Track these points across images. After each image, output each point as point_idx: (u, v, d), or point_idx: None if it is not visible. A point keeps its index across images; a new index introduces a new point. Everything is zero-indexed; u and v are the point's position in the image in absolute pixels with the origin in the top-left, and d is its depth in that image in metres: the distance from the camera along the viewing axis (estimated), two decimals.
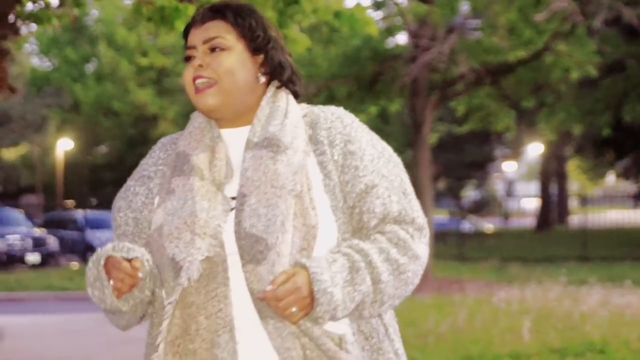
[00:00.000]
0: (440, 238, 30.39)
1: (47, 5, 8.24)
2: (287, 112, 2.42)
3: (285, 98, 2.46)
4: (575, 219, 45.83)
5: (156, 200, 2.41)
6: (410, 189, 2.43)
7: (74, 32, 43.07)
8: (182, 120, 38.30)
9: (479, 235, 38.53)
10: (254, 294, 2.21)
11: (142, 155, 2.69)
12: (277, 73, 2.46)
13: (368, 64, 20.14)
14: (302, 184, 2.30)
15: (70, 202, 39.32)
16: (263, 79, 2.43)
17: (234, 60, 2.39)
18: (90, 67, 48.18)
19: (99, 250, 2.33)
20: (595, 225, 36.02)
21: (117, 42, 43.15)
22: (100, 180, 45.85)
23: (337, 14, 7.47)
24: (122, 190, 2.50)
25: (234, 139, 2.43)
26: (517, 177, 74.47)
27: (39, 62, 50.65)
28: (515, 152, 54.66)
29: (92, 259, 2.33)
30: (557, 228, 44.68)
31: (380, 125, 38.27)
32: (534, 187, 62.01)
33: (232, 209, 2.29)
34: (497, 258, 26.83)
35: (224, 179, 2.35)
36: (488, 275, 21.99)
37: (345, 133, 2.41)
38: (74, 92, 44.05)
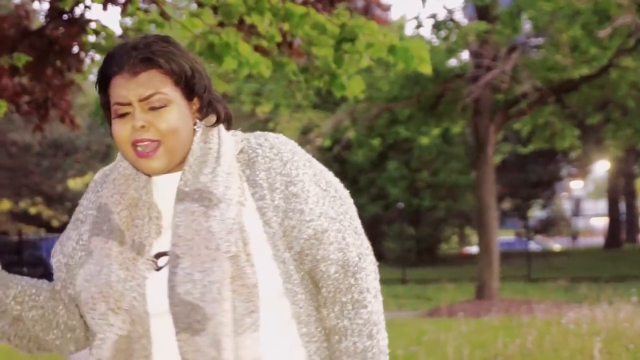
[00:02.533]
0: (507, 259, 30.16)
1: (111, 36, 8.35)
2: (219, 157, 2.21)
3: (216, 137, 2.26)
4: None
5: (78, 255, 2.28)
6: (359, 225, 2.29)
7: None
8: None
9: (547, 255, 38.17)
10: None
11: None
12: (208, 113, 2.28)
13: (429, 85, 20.12)
14: (238, 243, 2.12)
15: None
16: (199, 126, 2.24)
17: (176, 116, 2.18)
18: None
19: None
20: None
21: None
22: None
23: (391, 49, 7.43)
24: (62, 233, 2.38)
25: (166, 185, 2.24)
26: (584, 195, 73.66)
27: None
28: (582, 170, 54.10)
29: None
30: (627, 246, 44.09)
31: (443, 147, 38.21)
32: (602, 205, 61.28)
33: (158, 269, 2.15)
34: (565, 278, 26.55)
35: (145, 240, 2.17)
36: (556, 296, 21.76)
37: (285, 173, 2.22)
38: None
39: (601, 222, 54.21)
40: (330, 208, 2.23)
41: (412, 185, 38.84)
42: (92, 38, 8.58)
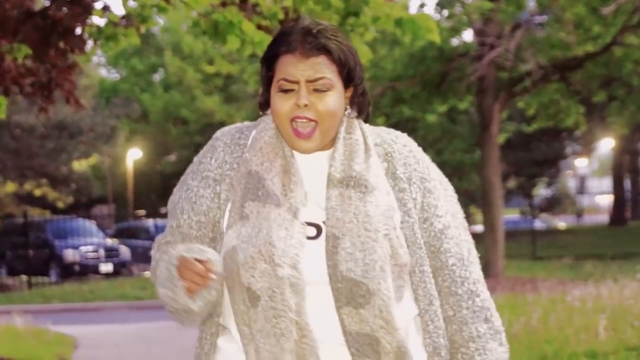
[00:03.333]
0: (512, 237, 30.16)
1: (114, 23, 8.33)
2: (369, 149, 2.42)
3: (359, 129, 2.46)
4: None
5: (226, 215, 2.39)
6: (466, 223, 2.53)
7: (141, 42, 43.57)
8: None
9: (552, 233, 38.19)
10: (351, 334, 2.28)
11: None
12: (357, 103, 2.46)
13: (434, 63, 20.08)
14: (392, 226, 2.33)
15: (141, 212, 39.74)
16: (352, 114, 2.44)
17: (336, 101, 2.35)
18: (157, 77, 48.73)
19: (170, 250, 2.38)
20: None
21: (184, 50, 43.54)
22: (169, 189, 45.59)
23: (399, 22, 7.41)
24: (183, 189, 2.49)
25: (307, 161, 2.40)
26: (589, 173, 73.58)
27: (107, 73, 51.35)
28: (587, 148, 54.01)
29: (163, 259, 2.39)
30: (632, 224, 44.07)
31: (448, 126, 38.15)
32: (607, 183, 61.24)
33: (309, 238, 2.32)
34: (570, 256, 26.57)
35: (299, 204, 2.33)
36: (562, 274, 21.77)
37: (420, 170, 2.46)
38: (142, 101, 44.57)
39: (606, 200, 54.22)
40: (451, 206, 2.49)
41: None
42: (96, 19, 8.56)
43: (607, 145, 48.31)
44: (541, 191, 57.64)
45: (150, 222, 32.29)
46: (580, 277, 19.80)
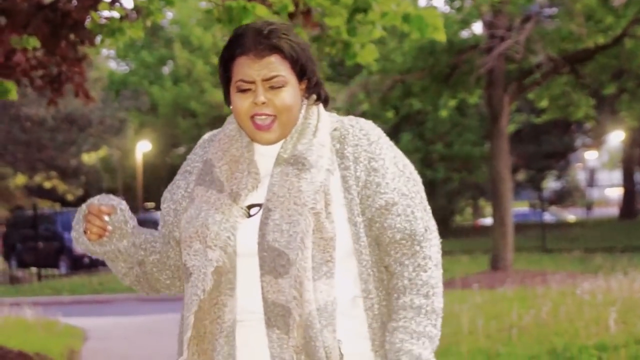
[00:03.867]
0: (522, 230, 30.13)
1: (122, 17, 8.32)
2: (317, 131, 2.58)
3: (316, 113, 2.62)
4: None
5: (186, 201, 2.64)
6: (427, 204, 2.63)
7: (150, 35, 43.56)
8: None
9: (562, 226, 38.15)
10: (267, 302, 2.43)
11: None
12: (312, 93, 2.62)
13: (443, 56, 20.04)
14: (321, 202, 2.46)
15: (150, 204, 39.79)
16: (305, 103, 2.61)
17: (291, 95, 2.53)
18: (166, 69, 48.75)
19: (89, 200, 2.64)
20: None
21: (193, 43, 43.56)
22: None
23: (406, 18, 7.40)
24: (171, 183, 2.73)
25: (267, 151, 2.58)
26: (599, 166, 73.41)
27: (117, 66, 51.38)
28: (597, 141, 53.90)
29: (80, 206, 2.65)
30: None
31: (458, 118, 38.11)
32: (617, 175, 61.12)
33: (249, 216, 2.51)
34: (580, 249, 26.53)
35: (241, 190, 2.51)
36: (571, 267, 21.75)
37: (370, 150, 2.57)
38: (152, 94, 44.59)
39: (616, 193, 54.10)
40: (404, 186, 2.58)
41: (426, 157, 38.78)
42: (104, 13, 8.55)
43: (617, 137, 48.20)
44: (551, 184, 57.55)
45: (159, 215, 32.28)
46: (590, 270, 19.77)
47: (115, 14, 8.44)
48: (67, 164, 37.37)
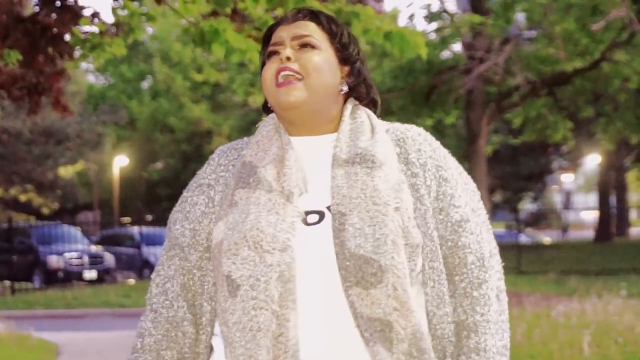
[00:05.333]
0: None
1: (102, 33, 8.32)
2: (374, 128, 2.29)
3: (365, 114, 2.33)
4: (635, 231, 45.26)
5: (218, 210, 2.28)
6: (490, 226, 2.35)
7: (130, 49, 43.54)
8: (236, 136, 38.51)
9: (537, 247, 38.23)
10: (364, 317, 2.09)
11: (196, 170, 2.60)
12: (359, 89, 2.35)
13: (422, 76, 20.12)
14: (405, 202, 2.16)
15: (126, 219, 39.68)
16: (345, 89, 2.31)
17: (323, 59, 2.26)
18: (145, 84, 48.69)
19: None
20: None
21: (172, 58, 43.55)
22: (155, 196, 46.18)
23: (388, 35, 7.43)
24: (178, 203, 2.37)
25: (307, 148, 2.28)
26: (575, 188, 73.76)
27: (95, 80, 51.26)
28: (573, 164, 54.16)
29: None
30: (617, 240, 44.15)
31: (436, 137, 38.16)
32: (593, 198, 61.40)
33: (307, 224, 2.16)
34: (555, 271, 26.59)
35: (294, 188, 2.18)
36: (546, 289, 21.78)
37: (435, 157, 2.29)
38: (130, 108, 44.53)
39: (591, 216, 54.28)
40: (471, 200, 2.30)
41: None
42: (85, 27, 8.54)
43: (593, 161, 48.45)
44: (527, 205, 57.74)
45: (135, 229, 32.19)
46: (565, 292, 19.81)
47: (96, 29, 8.43)
48: (44, 177, 37.23)
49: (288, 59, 2.23)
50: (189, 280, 2.30)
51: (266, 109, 2.38)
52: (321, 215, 2.17)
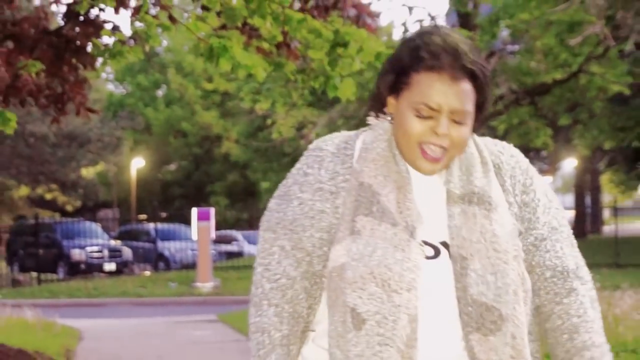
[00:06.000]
0: None
1: (122, 42, 8.31)
2: (485, 162, 2.11)
3: (473, 142, 2.15)
4: (609, 229, 45.21)
5: (340, 230, 2.04)
6: (574, 238, 2.19)
7: (146, 60, 43.50)
8: (243, 140, 38.47)
9: None
10: None
11: (207, 172, 2.38)
12: (483, 124, 2.20)
13: None
14: (520, 248, 2.05)
15: (142, 216, 39.66)
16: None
17: (468, 132, 2.05)
18: (160, 92, 48.68)
19: None
20: (627, 234, 35.54)
21: (185, 69, 43.52)
22: (169, 195, 46.18)
23: (378, 56, 7.44)
24: (294, 203, 2.09)
25: (418, 178, 2.07)
26: (554, 189, 73.57)
27: (115, 88, 51.26)
28: (552, 167, 54.16)
29: None
30: (592, 237, 44.10)
31: None
32: (570, 199, 61.37)
33: (427, 258, 2.01)
34: None
35: (416, 222, 2.00)
36: None
37: (523, 182, 2.12)
38: (146, 115, 44.51)
39: (569, 214, 54.28)
40: (554, 218, 2.14)
41: None
42: (106, 39, 8.53)
43: (570, 164, 48.45)
44: None
45: (151, 226, 32.16)
46: None
47: (116, 39, 8.42)
48: (67, 177, 37.22)
49: (444, 135, 2.00)
50: (313, 286, 2.08)
51: (374, 106, 2.14)
52: (436, 250, 2.03)
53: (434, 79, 1.98)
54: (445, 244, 2.03)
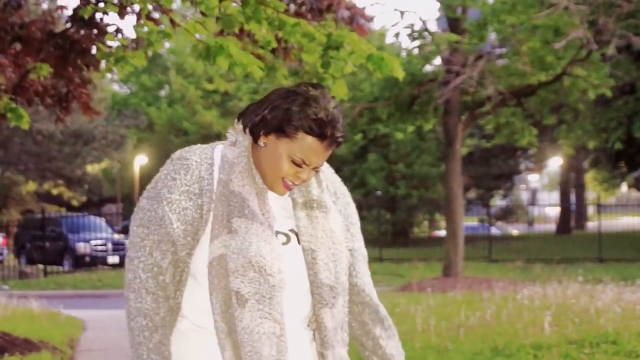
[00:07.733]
0: (471, 242, 30.19)
1: (124, 46, 8.33)
2: (318, 177, 2.55)
3: None
4: (592, 225, 45.29)
5: (208, 226, 2.40)
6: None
7: (149, 62, 43.48)
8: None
9: (506, 239, 38.25)
10: (328, 330, 2.45)
11: None
12: None
13: (406, 87, 20.08)
14: (348, 239, 2.56)
15: None
16: None
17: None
18: (163, 92, 48.64)
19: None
20: (609, 230, 35.60)
21: (186, 70, 43.49)
22: None
23: (369, 57, 7.46)
24: (163, 203, 2.42)
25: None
26: (540, 187, 73.77)
27: (119, 88, 51.21)
28: (538, 165, 54.22)
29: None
30: (576, 232, 44.20)
31: (417, 142, 38.20)
32: (555, 196, 61.41)
33: (282, 244, 2.43)
34: (522, 259, 26.63)
35: (273, 222, 2.41)
36: (513, 275, 21.82)
37: (337, 184, 2.63)
38: (149, 114, 44.46)
39: (554, 211, 54.27)
40: (357, 232, 2.68)
41: (389, 176, 38.86)
42: (110, 42, 8.55)
43: (556, 163, 48.54)
44: (497, 202, 57.76)
45: None
46: (530, 278, 19.84)
47: (119, 44, 8.43)
48: (73, 173, 37.19)
49: (305, 179, 2.44)
50: (178, 270, 2.42)
51: (254, 131, 2.45)
52: (287, 237, 2.46)
53: (316, 145, 2.38)
54: (293, 231, 2.47)
